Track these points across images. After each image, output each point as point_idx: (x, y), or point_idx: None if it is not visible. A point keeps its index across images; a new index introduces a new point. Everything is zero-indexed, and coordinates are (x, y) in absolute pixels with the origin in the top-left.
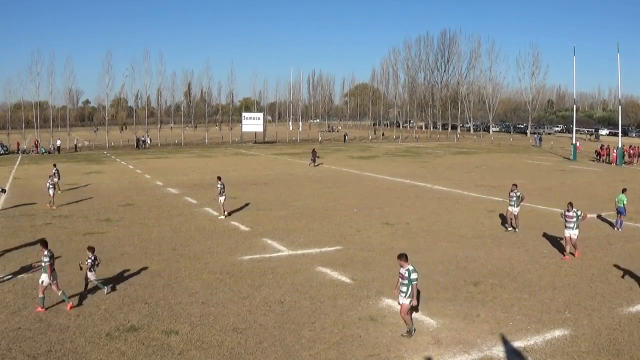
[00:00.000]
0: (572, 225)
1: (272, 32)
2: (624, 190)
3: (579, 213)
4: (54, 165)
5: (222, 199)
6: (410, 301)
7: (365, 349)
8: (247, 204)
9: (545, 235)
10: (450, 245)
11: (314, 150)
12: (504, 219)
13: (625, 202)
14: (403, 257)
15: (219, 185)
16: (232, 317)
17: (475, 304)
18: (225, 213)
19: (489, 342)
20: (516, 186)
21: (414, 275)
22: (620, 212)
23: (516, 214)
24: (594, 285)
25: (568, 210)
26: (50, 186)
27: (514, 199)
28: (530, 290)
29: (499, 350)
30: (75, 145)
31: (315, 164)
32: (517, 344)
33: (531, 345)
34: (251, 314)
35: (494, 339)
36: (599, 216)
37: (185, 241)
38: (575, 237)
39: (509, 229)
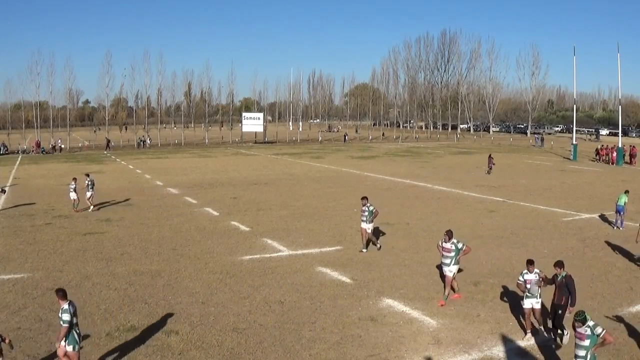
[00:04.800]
0: (448, 260)
1: (272, 32)
2: (626, 192)
3: (459, 245)
4: None
5: (89, 194)
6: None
7: (365, 349)
8: (247, 204)
9: (545, 235)
10: None
11: (490, 155)
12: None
13: (625, 201)
14: (59, 293)
15: (87, 182)
16: (232, 317)
17: (475, 304)
18: (88, 209)
19: (489, 342)
20: (367, 199)
21: (65, 317)
22: (618, 210)
23: (370, 230)
24: (594, 285)
25: (445, 241)
26: (72, 190)
27: (366, 213)
28: None
29: (499, 350)
30: (53, 146)
31: (491, 171)
32: (517, 344)
33: (531, 345)
34: (251, 314)
35: (494, 339)
36: (601, 216)
37: (185, 241)
38: (451, 275)
39: (363, 250)
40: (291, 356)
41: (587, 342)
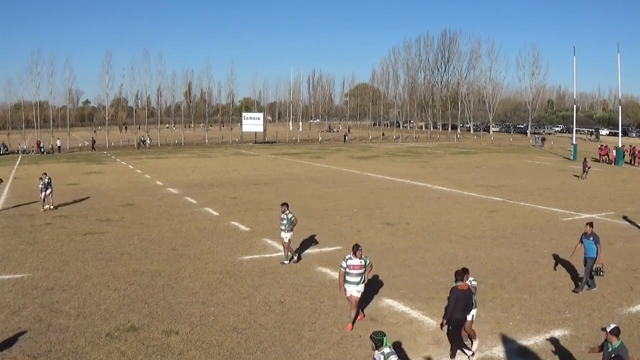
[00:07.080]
0: (358, 279)
1: (272, 32)
2: None
3: (367, 261)
4: None
5: (47, 192)
6: None
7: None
8: (247, 204)
9: (545, 235)
10: (450, 245)
11: (585, 160)
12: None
13: None
14: None
15: (46, 180)
16: (232, 317)
17: None
18: (49, 207)
19: (489, 342)
20: (287, 206)
21: None
22: None
23: (287, 240)
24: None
25: (351, 258)
26: (42, 188)
27: (285, 222)
28: (530, 290)
29: (499, 350)
30: (46, 146)
31: (587, 175)
32: (517, 344)
33: (531, 345)
34: (251, 314)
35: (494, 339)
36: (625, 217)
37: (185, 241)
38: (358, 294)
39: (285, 262)
40: (291, 356)
41: None
